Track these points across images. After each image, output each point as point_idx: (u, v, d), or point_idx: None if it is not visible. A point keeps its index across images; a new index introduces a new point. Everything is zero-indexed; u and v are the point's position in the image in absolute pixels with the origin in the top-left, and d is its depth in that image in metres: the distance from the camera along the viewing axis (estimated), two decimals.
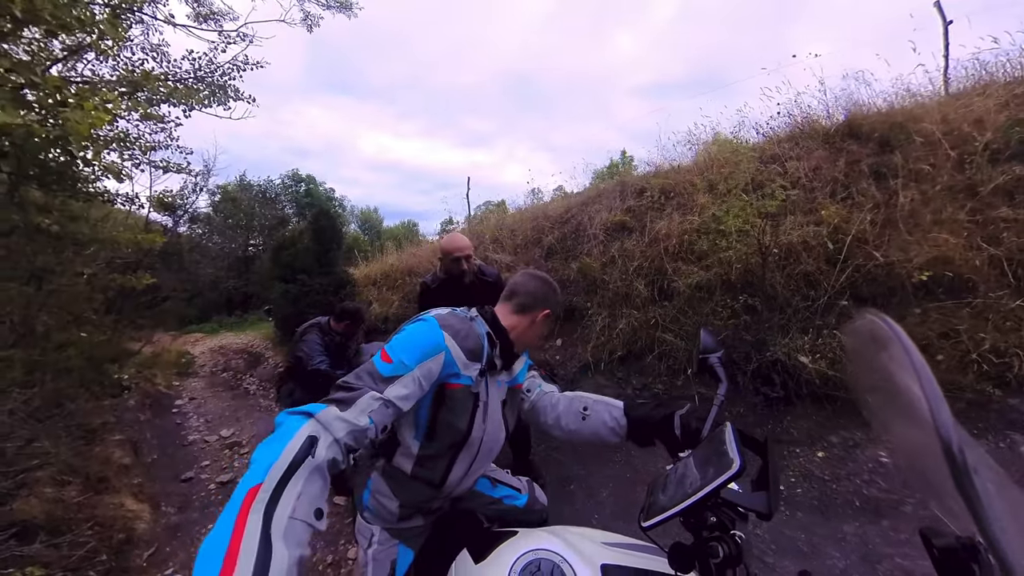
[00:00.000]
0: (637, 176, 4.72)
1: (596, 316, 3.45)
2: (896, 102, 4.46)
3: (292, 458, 0.55)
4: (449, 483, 0.90)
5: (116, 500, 3.14)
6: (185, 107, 4.31)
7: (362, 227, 22.47)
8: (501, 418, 0.93)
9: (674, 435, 0.83)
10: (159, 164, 4.89)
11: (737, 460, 0.56)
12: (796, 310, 3.10)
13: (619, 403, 0.95)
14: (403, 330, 0.83)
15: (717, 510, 0.59)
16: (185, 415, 5.27)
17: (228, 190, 14.83)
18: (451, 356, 0.80)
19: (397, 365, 0.73)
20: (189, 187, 9.32)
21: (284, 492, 0.51)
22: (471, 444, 0.88)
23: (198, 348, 9.80)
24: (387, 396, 0.69)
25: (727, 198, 3.31)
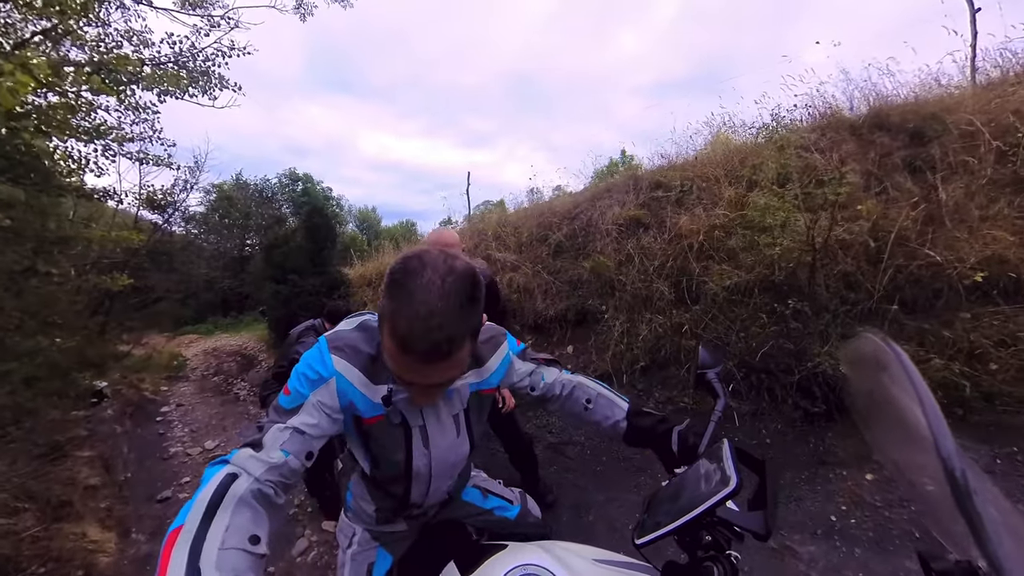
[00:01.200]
0: (650, 169, 4.35)
1: (613, 321, 3.07)
2: (922, 93, 4.12)
3: (211, 496, 0.53)
4: (414, 499, 0.82)
5: (78, 529, 2.73)
6: (165, 92, 3.87)
7: (360, 227, 21.99)
8: (457, 432, 0.80)
9: (671, 450, 0.77)
10: (137, 156, 4.44)
11: (734, 478, 0.52)
12: (835, 315, 2.75)
13: (624, 405, 0.86)
14: None
15: (713, 529, 0.56)
16: (170, 424, 4.85)
17: (224, 189, 14.34)
18: (345, 382, 0.68)
19: (294, 395, 0.67)
20: (180, 184, 8.83)
21: (210, 528, 0.49)
22: (418, 473, 0.78)
23: (192, 350, 9.36)
24: (293, 424, 0.64)
25: (759, 192, 2.94)
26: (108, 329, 8.18)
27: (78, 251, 5.96)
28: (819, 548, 1.98)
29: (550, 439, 2.86)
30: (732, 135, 4.20)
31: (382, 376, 0.69)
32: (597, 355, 3.09)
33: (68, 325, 5.42)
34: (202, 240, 13.67)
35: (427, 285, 0.54)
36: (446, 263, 0.57)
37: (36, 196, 3.57)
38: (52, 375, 3.40)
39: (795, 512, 2.30)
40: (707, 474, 0.59)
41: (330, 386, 0.67)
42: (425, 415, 0.75)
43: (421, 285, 0.54)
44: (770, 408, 2.76)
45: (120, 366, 6.83)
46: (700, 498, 0.54)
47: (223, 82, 4.52)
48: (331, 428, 0.67)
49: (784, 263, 2.54)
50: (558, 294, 3.51)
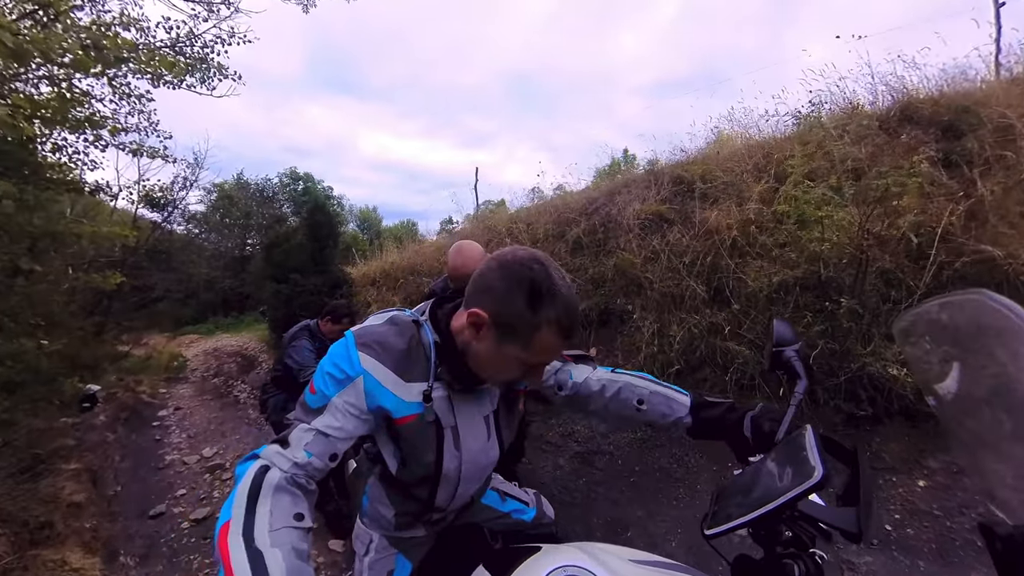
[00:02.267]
0: (670, 164, 4.09)
1: (642, 321, 2.81)
2: (946, 87, 3.92)
3: (249, 488, 0.55)
4: (439, 503, 0.76)
5: (57, 555, 2.41)
6: (159, 78, 3.55)
7: (361, 227, 21.61)
8: (488, 435, 0.75)
9: (744, 437, 0.69)
10: (131, 148, 4.11)
11: (819, 468, 0.45)
12: (877, 314, 2.51)
13: (685, 400, 0.77)
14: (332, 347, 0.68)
15: (794, 524, 0.50)
16: (167, 429, 4.53)
17: (225, 188, 13.93)
18: (373, 381, 0.63)
19: (319, 395, 0.63)
20: (179, 182, 8.45)
21: (256, 516, 0.52)
22: (447, 475, 0.72)
23: (192, 350, 9.01)
24: (316, 426, 0.61)
25: (796, 186, 2.69)
26: (106, 329, 7.83)
27: (74, 249, 5.63)
28: (877, 560, 1.79)
29: (576, 448, 2.60)
30: (751, 132, 3.97)
31: (415, 372, 0.65)
32: (624, 357, 2.83)
33: (62, 326, 5.07)
34: (203, 239, 13.27)
35: (563, 284, 0.58)
36: (551, 261, 0.61)
37: (23, 189, 3.24)
38: (35, 381, 3.07)
39: None
40: (787, 464, 0.52)
41: (357, 386, 0.63)
42: (458, 415, 0.70)
43: (560, 281, 0.58)
44: (810, 412, 2.52)
45: (117, 368, 6.49)
46: (779, 490, 0.48)
47: (222, 70, 4.21)
48: (358, 429, 0.64)
49: (835, 259, 2.29)
50: (579, 293, 3.23)
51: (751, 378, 2.42)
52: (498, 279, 0.59)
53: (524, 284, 0.57)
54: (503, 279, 0.58)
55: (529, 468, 2.57)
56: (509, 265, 0.59)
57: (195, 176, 8.46)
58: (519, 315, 0.57)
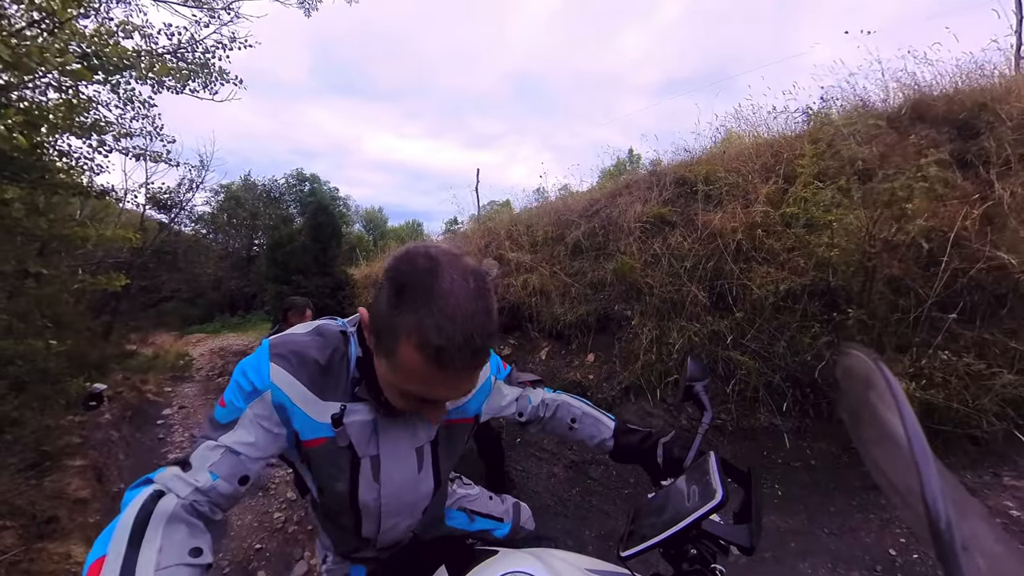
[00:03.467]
0: (672, 164, 4.03)
1: (641, 328, 2.77)
2: (961, 83, 3.77)
3: (135, 519, 0.45)
4: (366, 535, 0.69)
5: (63, 549, 2.48)
6: (160, 83, 3.63)
7: (366, 227, 21.80)
8: (420, 467, 0.66)
9: (657, 463, 0.74)
10: (135, 152, 4.20)
11: (720, 491, 0.51)
12: (887, 324, 2.43)
13: (610, 423, 0.82)
14: None
15: (698, 542, 0.54)
16: (170, 428, 4.62)
17: (232, 189, 14.19)
18: (282, 396, 0.56)
19: (229, 408, 0.56)
20: (185, 184, 8.62)
21: (140, 552, 0.42)
22: (365, 508, 0.65)
23: (198, 349, 9.19)
24: (225, 443, 0.54)
25: (805, 187, 2.62)
26: (115, 329, 8.03)
27: (84, 251, 5.79)
28: None
29: (571, 456, 2.58)
30: (759, 130, 3.88)
31: (333, 391, 0.58)
32: (622, 365, 2.79)
33: (71, 326, 5.22)
34: (210, 240, 13.53)
35: (452, 287, 0.45)
36: (459, 260, 0.48)
37: (32, 193, 3.34)
38: (42, 380, 3.16)
39: (849, 543, 2.02)
40: (693, 487, 0.57)
41: (265, 399, 0.56)
42: (380, 444, 0.62)
43: (446, 288, 0.45)
44: (815, 426, 2.46)
45: (124, 367, 6.65)
46: (685, 511, 0.53)
47: (223, 75, 4.27)
48: (272, 446, 0.57)
49: (843, 266, 2.22)
50: (577, 297, 3.22)
51: (755, 390, 2.37)
52: (385, 271, 0.50)
53: (395, 275, 0.47)
54: (386, 270, 0.49)
55: (523, 475, 2.56)
56: (398, 254, 0.50)
57: (201, 178, 8.63)
58: (383, 317, 0.48)
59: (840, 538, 1.96)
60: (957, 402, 2.17)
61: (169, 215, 8.79)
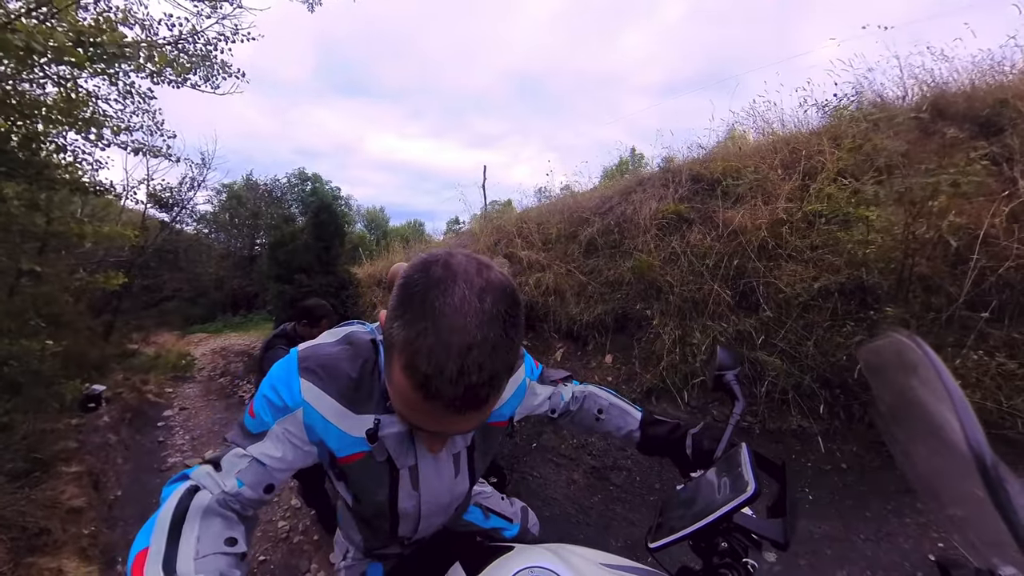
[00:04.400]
0: (688, 160, 3.90)
1: (662, 327, 2.63)
2: (977, 79, 3.67)
3: (174, 512, 0.47)
4: (402, 534, 0.69)
5: (54, 563, 2.32)
6: (159, 74, 3.47)
7: (368, 227, 21.61)
8: (456, 472, 0.65)
9: (685, 454, 0.72)
10: (134, 146, 4.04)
11: (752, 483, 0.50)
12: (921, 322, 2.31)
13: (637, 414, 0.81)
14: None
15: (729, 535, 0.52)
16: (171, 430, 4.46)
17: (234, 188, 14.00)
18: (315, 415, 0.53)
19: (258, 421, 0.55)
20: (187, 183, 8.43)
21: (180, 543, 0.44)
22: (404, 513, 0.64)
23: (200, 349, 9.01)
24: (252, 453, 0.54)
25: (825, 183, 2.49)
26: (116, 328, 7.86)
27: (85, 249, 5.62)
28: None
29: (591, 462, 2.44)
30: (774, 127, 3.75)
31: (366, 404, 0.55)
32: (643, 366, 2.65)
33: (69, 326, 5.05)
34: (211, 239, 13.35)
35: (461, 305, 0.38)
36: (481, 274, 0.41)
37: (29, 189, 3.18)
38: (35, 383, 2.99)
39: (886, 549, 1.90)
40: (724, 479, 0.55)
41: (296, 417, 0.54)
42: (419, 454, 0.60)
43: (453, 305, 0.38)
44: (845, 429, 2.33)
45: (125, 367, 6.48)
46: (716, 503, 0.51)
47: (225, 68, 4.11)
48: (300, 460, 0.57)
49: (881, 262, 2.09)
50: (593, 296, 3.07)
51: (783, 392, 2.23)
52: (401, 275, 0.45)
53: (404, 284, 0.42)
54: (401, 275, 0.44)
55: (540, 482, 2.42)
56: (416, 260, 0.44)
57: (203, 176, 8.44)
58: (387, 330, 0.43)
59: (877, 544, 1.86)
60: (992, 402, 2.06)
61: (170, 214, 8.60)
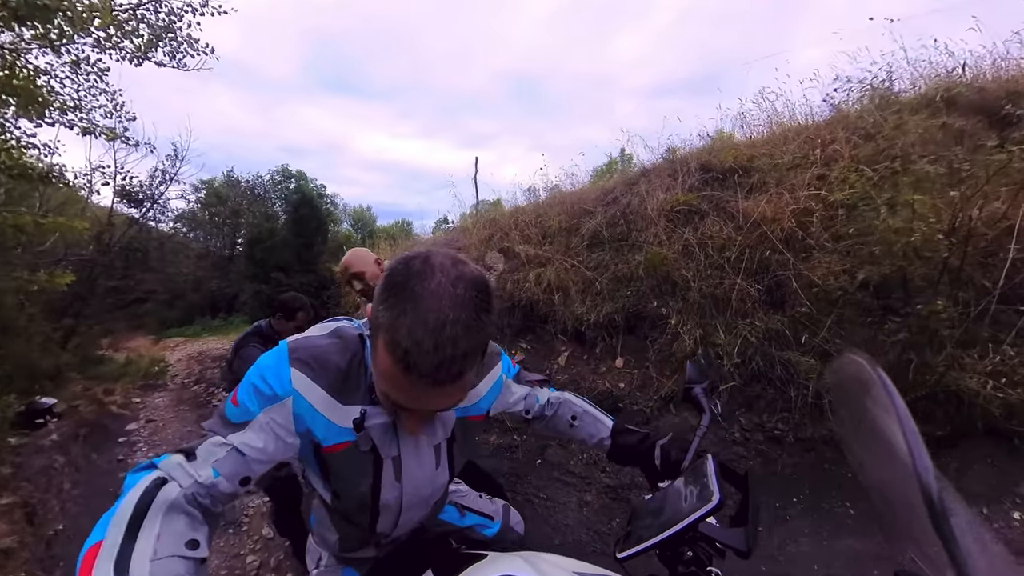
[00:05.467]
0: (695, 150, 3.65)
1: (681, 327, 2.34)
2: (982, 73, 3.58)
3: (136, 504, 0.44)
4: (381, 530, 0.68)
5: None
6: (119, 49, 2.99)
7: (354, 226, 20.87)
8: (437, 464, 0.66)
9: (654, 464, 0.74)
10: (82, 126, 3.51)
11: (716, 493, 0.51)
12: (965, 317, 2.10)
13: (609, 422, 0.82)
14: None
15: (694, 544, 0.54)
16: (133, 446, 3.96)
17: (213, 185, 13.18)
18: (304, 404, 0.54)
19: (242, 409, 0.54)
20: (158, 176, 7.72)
21: (137, 540, 0.41)
22: (386, 506, 0.64)
23: (176, 354, 8.37)
24: (232, 442, 0.52)
25: (848, 172, 2.26)
26: (78, 333, 7.14)
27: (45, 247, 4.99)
28: None
29: (605, 480, 2.13)
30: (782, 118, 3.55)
31: (353, 395, 0.56)
32: (658, 371, 2.36)
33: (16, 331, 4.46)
34: (189, 239, 12.52)
35: (437, 290, 0.43)
36: (456, 266, 0.46)
37: None
38: None
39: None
40: (690, 489, 0.56)
41: (286, 406, 0.54)
42: (401, 444, 0.61)
43: (430, 290, 0.43)
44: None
45: (90, 375, 5.86)
46: (682, 513, 0.52)
47: (192, 44, 3.62)
48: (280, 453, 0.55)
49: (929, 251, 1.85)
50: (601, 293, 2.77)
51: (817, 396, 1.97)
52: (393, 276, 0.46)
53: (388, 275, 0.45)
54: (385, 270, 0.48)
55: (547, 505, 2.10)
56: (399, 257, 0.47)
57: (175, 169, 7.74)
58: (374, 315, 0.46)
59: None
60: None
61: (140, 209, 7.88)
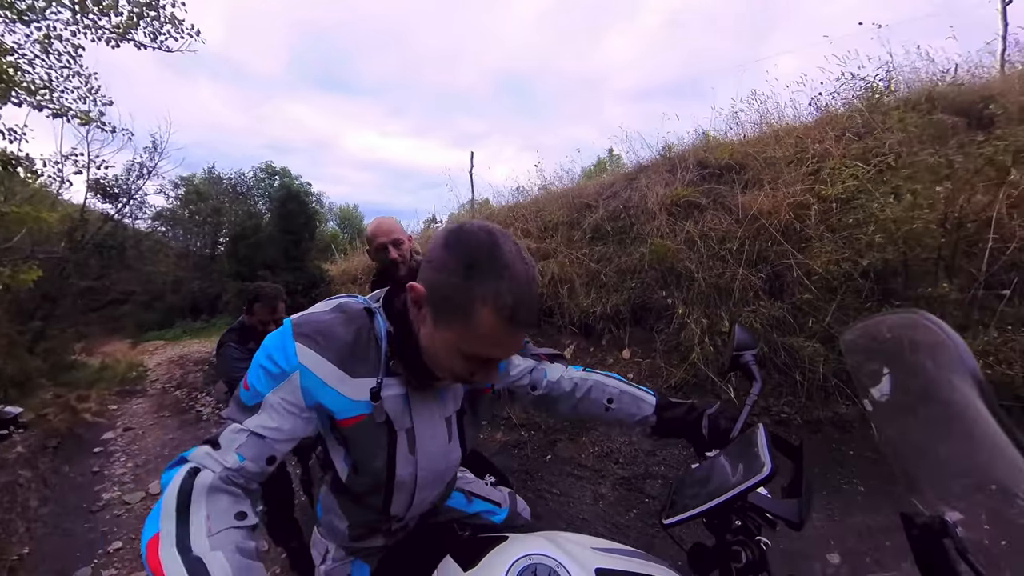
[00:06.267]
0: (692, 146, 3.67)
1: (687, 316, 2.32)
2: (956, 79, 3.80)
3: (178, 495, 0.47)
4: (395, 512, 0.67)
5: None
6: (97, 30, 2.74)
7: (341, 226, 20.29)
8: (449, 438, 0.65)
9: (701, 434, 0.71)
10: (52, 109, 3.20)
11: (768, 464, 0.48)
12: (960, 302, 2.19)
13: (651, 399, 0.77)
14: None
15: (743, 514, 0.53)
16: (110, 456, 3.66)
17: (194, 182, 12.51)
18: (312, 377, 0.54)
19: (252, 392, 0.55)
20: (135, 170, 7.20)
21: (190, 524, 0.45)
22: (401, 482, 0.63)
23: (155, 358, 7.88)
24: (249, 427, 0.53)
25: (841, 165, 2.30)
26: (48, 337, 6.61)
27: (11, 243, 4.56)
28: None
29: (619, 472, 2.08)
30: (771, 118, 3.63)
31: (362, 368, 0.56)
32: (666, 360, 2.33)
33: None
34: (169, 237, 11.84)
35: (512, 255, 0.48)
36: (505, 232, 0.51)
37: None
38: None
39: None
40: (739, 459, 0.55)
41: (293, 382, 0.53)
42: (415, 416, 0.60)
43: (512, 254, 0.48)
44: None
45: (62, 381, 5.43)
46: (731, 483, 0.51)
47: (177, 24, 3.36)
48: (299, 430, 0.55)
49: (930, 238, 1.89)
50: (607, 285, 2.72)
51: (824, 379, 1.98)
52: (441, 247, 0.50)
53: (463, 251, 0.48)
54: (445, 247, 0.50)
55: (561, 500, 2.03)
56: (454, 233, 0.50)
57: (154, 163, 7.24)
58: (453, 287, 0.48)
59: None
60: (1020, 377, 1.99)
61: (116, 205, 7.35)
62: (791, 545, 1.62)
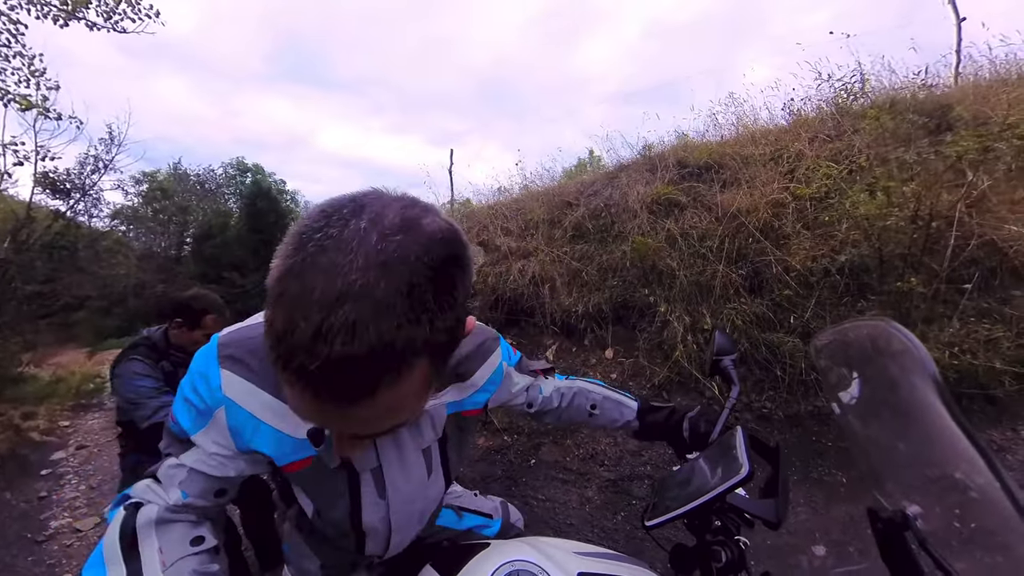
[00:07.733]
0: (671, 147, 3.68)
1: (670, 315, 2.29)
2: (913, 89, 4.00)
3: (120, 531, 0.42)
4: (370, 553, 0.58)
5: None
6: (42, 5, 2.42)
7: None
8: (429, 473, 0.55)
9: (682, 437, 0.71)
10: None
11: (746, 465, 0.49)
12: (925, 297, 2.29)
13: (633, 404, 0.76)
14: None
15: (722, 515, 0.54)
16: (60, 479, 3.32)
17: (158, 178, 11.66)
18: (241, 413, 0.43)
19: (178, 428, 0.46)
20: (89, 163, 6.56)
21: (141, 561, 0.39)
22: (372, 529, 0.53)
23: None
24: (187, 463, 0.45)
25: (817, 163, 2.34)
26: None
27: None
28: None
29: (604, 474, 2.03)
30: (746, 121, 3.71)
31: None
32: (649, 358, 2.30)
33: None
34: (130, 237, 10.99)
35: (350, 239, 0.27)
36: (404, 212, 0.29)
37: None
38: None
39: None
40: (719, 460, 0.55)
41: (219, 421, 0.43)
42: (381, 453, 0.49)
43: (339, 238, 0.27)
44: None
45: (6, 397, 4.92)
46: (710, 484, 0.51)
47: (133, 4, 3.02)
48: (240, 470, 0.46)
49: (903, 234, 1.94)
50: (588, 284, 2.67)
51: (803, 374, 2.00)
52: None
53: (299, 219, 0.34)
54: None
55: (547, 506, 1.96)
56: None
57: (110, 156, 6.62)
58: None
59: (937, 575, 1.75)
60: (982, 366, 2.08)
61: (67, 201, 6.69)
62: (777, 540, 1.62)
